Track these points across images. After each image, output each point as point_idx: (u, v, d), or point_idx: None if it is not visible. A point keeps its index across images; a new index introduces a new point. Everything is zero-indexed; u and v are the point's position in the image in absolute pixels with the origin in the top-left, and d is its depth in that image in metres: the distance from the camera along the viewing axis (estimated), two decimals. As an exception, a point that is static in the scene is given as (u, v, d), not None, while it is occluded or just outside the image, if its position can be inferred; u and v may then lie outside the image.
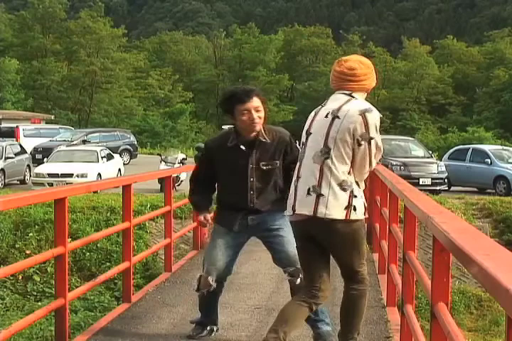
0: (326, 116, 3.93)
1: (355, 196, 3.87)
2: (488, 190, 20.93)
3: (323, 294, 4.05)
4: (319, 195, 3.84)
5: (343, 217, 3.83)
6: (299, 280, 4.54)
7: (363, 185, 3.99)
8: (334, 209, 3.83)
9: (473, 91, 70.39)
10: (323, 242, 3.98)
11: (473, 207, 16.03)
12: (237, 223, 4.78)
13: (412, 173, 19.46)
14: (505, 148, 24.41)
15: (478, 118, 62.77)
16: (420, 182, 19.15)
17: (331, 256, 4.10)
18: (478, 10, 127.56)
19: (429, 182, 19.74)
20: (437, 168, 20.20)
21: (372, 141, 3.89)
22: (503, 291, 1.57)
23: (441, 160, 22.43)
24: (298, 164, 4.06)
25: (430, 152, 23.01)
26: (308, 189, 3.87)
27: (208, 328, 5.12)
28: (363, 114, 3.84)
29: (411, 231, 4.43)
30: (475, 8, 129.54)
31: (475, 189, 21.44)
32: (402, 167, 19.69)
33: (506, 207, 15.83)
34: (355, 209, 3.85)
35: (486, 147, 24.05)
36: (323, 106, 4.05)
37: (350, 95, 3.96)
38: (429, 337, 3.10)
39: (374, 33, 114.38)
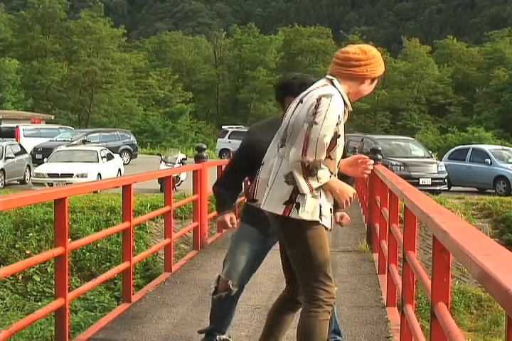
0: (297, 101, 3.62)
1: (302, 193, 3.46)
2: (488, 190, 20.94)
3: (301, 297, 3.79)
4: (267, 185, 3.58)
5: (281, 213, 3.48)
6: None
7: (299, 180, 3.45)
8: (272, 201, 3.52)
9: (473, 91, 70.45)
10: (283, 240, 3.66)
11: (473, 207, 16.04)
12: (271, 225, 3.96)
13: (412, 173, 19.48)
14: (505, 148, 24.42)
15: (478, 118, 62.82)
16: (420, 182, 19.16)
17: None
18: (478, 10, 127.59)
19: (429, 182, 19.76)
20: (437, 168, 20.22)
21: (314, 126, 3.40)
22: (503, 291, 1.57)
23: (441, 160, 22.44)
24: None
25: (430, 152, 23.05)
26: (268, 178, 3.61)
27: (217, 339, 4.64)
28: (319, 97, 3.47)
29: (411, 231, 4.42)
30: (475, 8, 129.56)
31: (475, 189, 21.44)
32: (402, 167, 19.71)
33: (506, 207, 15.85)
34: (298, 207, 3.46)
35: (486, 147, 24.05)
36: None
37: (330, 80, 3.59)
38: (429, 337, 3.09)
39: (374, 33, 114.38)
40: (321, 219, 3.50)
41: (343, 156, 3.72)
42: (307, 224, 3.50)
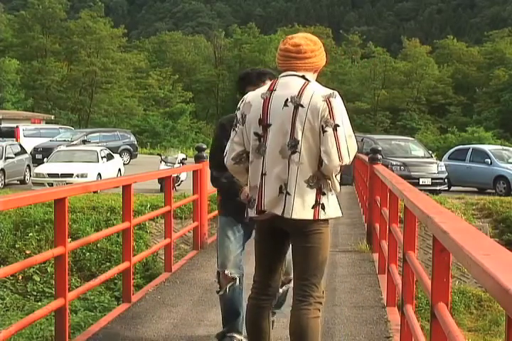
0: (286, 105, 3.53)
1: (324, 193, 3.54)
2: (488, 190, 20.94)
3: (275, 291, 3.87)
4: (287, 194, 3.52)
5: (312, 217, 3.53)
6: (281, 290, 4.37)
7: (335, 182, 3.59)
8: (300, 208, 3.52)
9: (473, 91, 70.41)
10: (292, 236, 3.69)
11: (473, 207, 16.03)
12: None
13: (412, 173, 19.47)
14: (505, 148, 24.43)
15: (478, 118, 62.80)
16: (420, 182, 19.16)
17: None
18: (478, 10, 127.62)
19: (429, 182, 19.75)
20: (437, 168, 20.22)
21: (339, 129, 3.47)
22: (503, 291, 1.57)
23: (441, 160, 22.44)
24: (256, 159, 3.63)
25: (430, 152, 23.04)
26: (280, 187, 3.54)
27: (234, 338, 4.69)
28: (327, 99, 3.48)
29: (411, 231, 4.42)
30: (475, 8, 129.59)
31: (475, 189, 21.44)
32: (402, 167, 19.70)
33: (506, 207, 15.84)
34: (323, 207, 3.54)
35: (486, 147, 24.06)
36: (274, 91, 3.60)
37: (303, 77, 3.58)
38: (429, 337, 3.09)
39: (374, 33, 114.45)
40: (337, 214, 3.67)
41: None
42: (327, 221, 3.63)
